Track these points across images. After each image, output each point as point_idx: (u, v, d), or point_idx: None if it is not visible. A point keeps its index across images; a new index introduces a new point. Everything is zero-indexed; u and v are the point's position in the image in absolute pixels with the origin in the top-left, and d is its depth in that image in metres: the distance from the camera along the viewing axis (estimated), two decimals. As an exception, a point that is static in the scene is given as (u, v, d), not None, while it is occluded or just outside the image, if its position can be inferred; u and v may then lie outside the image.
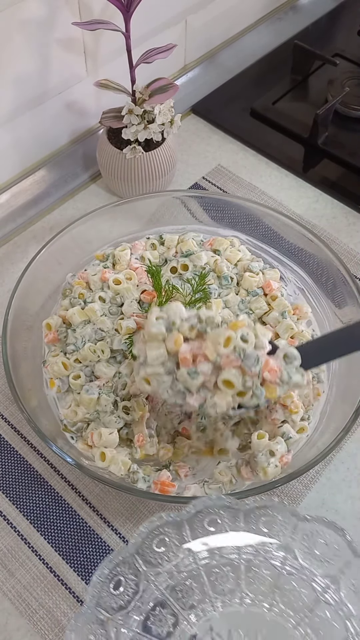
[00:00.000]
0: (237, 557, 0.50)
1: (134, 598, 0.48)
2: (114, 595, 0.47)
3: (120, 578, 0.47)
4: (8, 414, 0.67)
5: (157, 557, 0.49)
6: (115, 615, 0.47)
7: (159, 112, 0.75)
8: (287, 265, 0.74)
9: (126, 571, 0.48)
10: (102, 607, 0.46)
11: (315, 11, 1.13)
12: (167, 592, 0.49)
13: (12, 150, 0.80)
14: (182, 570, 0.49)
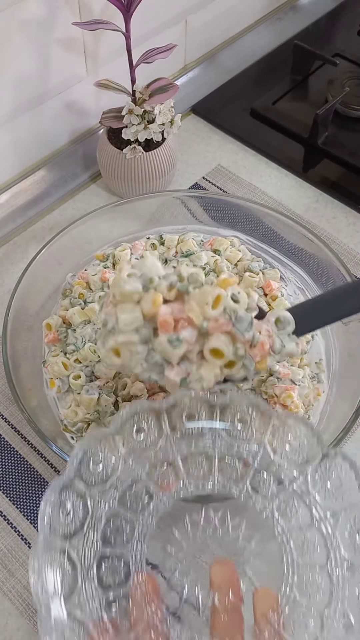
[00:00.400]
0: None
1: (112, 476, 0.47)
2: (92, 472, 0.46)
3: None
4: (8, 414, 0.67)
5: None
6: (92, 490, 0.46)
7: (159, 112, 0.75)
8: (287, 265, 0.74)
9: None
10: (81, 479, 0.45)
11: (315, 11, 1.13)
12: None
13: (12, 150, 0.80)
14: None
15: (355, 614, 0.44)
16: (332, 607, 0.44)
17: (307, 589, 0.45)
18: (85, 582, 0.44)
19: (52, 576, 0.42)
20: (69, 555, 0.44)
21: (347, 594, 0.44)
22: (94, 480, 0.47)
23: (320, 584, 0.45)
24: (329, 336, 0.69)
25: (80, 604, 0.43)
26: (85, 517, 0.46)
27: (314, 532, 0.47)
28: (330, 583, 0.45)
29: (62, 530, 0.44)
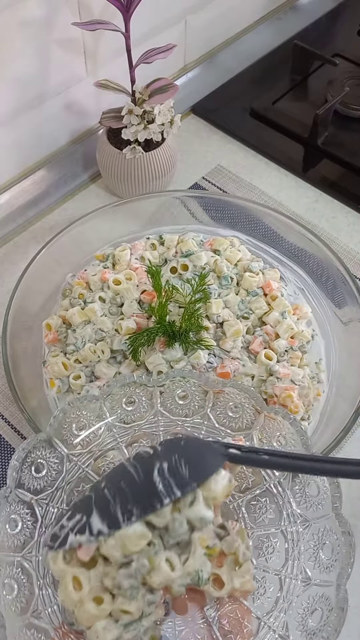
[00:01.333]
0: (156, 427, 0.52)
1: (58, 479, 0.48)
2: (36, 478, 0.48)
3: (41, 461, 0.48)
4: (8, 414, 0.67)
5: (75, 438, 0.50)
6: (40, 495, 0.47)
7: (158, 112, 0.75)
8: (287, 265, 0.74)
9: (48, 455, 0.49)
10: (25, 489, 0.47)
11: (315, 11, 1.13)
12: (89, 468, 0.50)
13: (12, 150, 0.80)
14: (103, 449, 0.50)
15: (311, 567, 0.45)
16: (289, 566, 0.45)
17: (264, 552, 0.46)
18: (42, 590, 0.45)
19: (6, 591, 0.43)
20: (22, 566, 0.45)
21: (303, 550, 0.45)
22: (39, 487, 0.48)
23: (275, 546, 0.46)
24: (329, 336, 0.69)
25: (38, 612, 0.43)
26: (35, 525, 0.46)
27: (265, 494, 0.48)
28: (286, 542, 0.46)
29: (11, 543, 0.45)
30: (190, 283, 0.67)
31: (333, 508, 0.46)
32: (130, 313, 0.66)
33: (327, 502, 0.46)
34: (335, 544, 0.45)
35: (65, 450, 0.49)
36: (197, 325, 0.64)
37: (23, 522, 0.46)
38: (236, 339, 0.65)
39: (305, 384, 0.63)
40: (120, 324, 0.65)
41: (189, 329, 0.63)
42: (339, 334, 0.67)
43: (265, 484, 0.48)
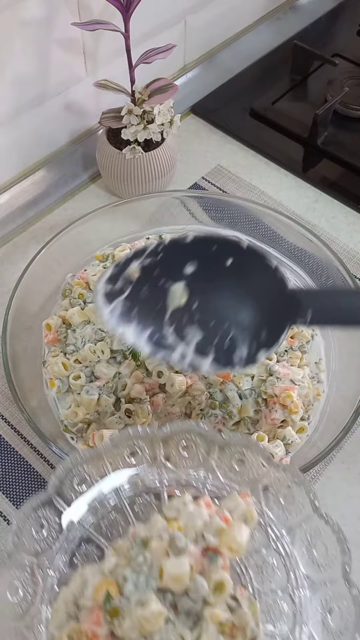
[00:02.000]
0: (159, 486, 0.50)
1: (59, 538, 0.47)
2: (36, 540, 0.46)
3: (42, 521, 0.46)
4: (8, 415, 0.67)
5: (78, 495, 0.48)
6: (40, 557, 0.46)
7: (158, 113, 0.75)
8: (287, 265, 0.74)
9: (47, 513, 0.47)
10: (26, 551, 0.45)
11: (314, 11, 1.13)
12: (91, 528, 0.48)
13: (11, 150, 0.80)
14: (106, 505, 0.49)
15: (319, 633, 0.43)
16: (298, 631, 0.43)
17: (271, 617, 0.44)
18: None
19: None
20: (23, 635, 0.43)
21: (311, 615, 0.44)
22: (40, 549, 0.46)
23: (283, 609, 0.44)
24: (329, 336, 0.69)
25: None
26: (35, 592, 0.45)
27: (272, 554, 0.46)
28: (294, 606, 0.44)
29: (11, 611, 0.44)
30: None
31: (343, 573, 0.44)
32: (130, 313, 0.66)
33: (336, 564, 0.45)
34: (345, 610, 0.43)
35: (66, 506, 0.48)
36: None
37: (24, 588, 0.45)
38: (236, 339, 0.65)
39: (305, 384, 0.63)
40: (120, 324, 0.64)
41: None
42: (339, 334, 0.67)
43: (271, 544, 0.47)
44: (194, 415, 0.63)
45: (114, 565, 0.41)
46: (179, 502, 0.44)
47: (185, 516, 0.43)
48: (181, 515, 0.43)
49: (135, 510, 0.49)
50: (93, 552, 0.48)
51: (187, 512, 0.43)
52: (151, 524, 0.43)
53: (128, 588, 0.39)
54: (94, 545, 0.48)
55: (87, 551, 0.48)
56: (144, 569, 0.40)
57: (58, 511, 0.47)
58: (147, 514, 0.49)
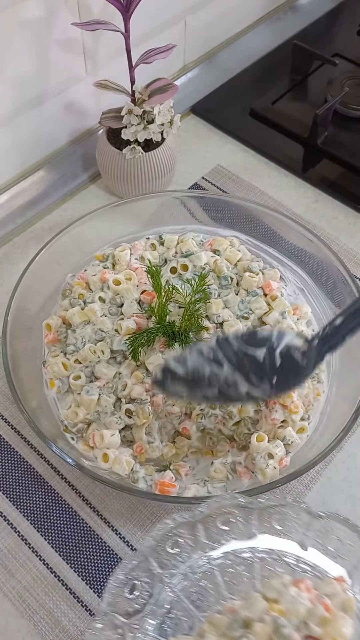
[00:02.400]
0: (251, 555, 0.50)
1: (149, 601, 0.47)
2: (129, 600, 0.46)
3: (135, 582, 0.47)
4: (8, 415, 0.67)
5: (172, 559, 0.49)
6: (131, 619, 0.46)
7: (158, 113, 0.75)
8: (287, 265, 0.74)
9: (141, 574, 0.47)
10: (118, 612, 0.46)
11: (314, 11, 1.13)
12: (182, 594, 0.49)
13: (11, 150, 0.80)
14: (197, 572, 0.49)
15: None
16: None
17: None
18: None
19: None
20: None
21: None
22: (131, 610, 0.46)
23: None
24: None
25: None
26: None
27: None
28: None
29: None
30: (190, 283, 0.67)
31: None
32: (130, 313, 0.66)
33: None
34: None
35: (159, 570, 0.48)
36: (197, 326, 0.64)
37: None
38: (236, 339, 0.65)
39: (305, 384, 0.63)
40: (120, 324, 0.65)
41: (189, 329, 0.63)
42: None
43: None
44: (194, 415, 0.63)
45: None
46: (278, 583, 0.44)
47: (287, 600, 0.42)
48: (283, 597, 0.43)
49: (226, 580, 0.50)
50: (183, 620, 0.48)
51: (289, 596, 0.43)
52: (250, 602, 0.43)
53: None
54: (184, 613, 0.48)
55: (177, 617, 0.48)
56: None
57: (151, 573, 0.48)
58: (239, 585, 0.49)
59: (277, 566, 0.50)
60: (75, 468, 0.56)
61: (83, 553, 0.59)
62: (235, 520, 0.50)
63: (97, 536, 0.60)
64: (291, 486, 0.63)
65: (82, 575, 0.58)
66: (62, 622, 0.56)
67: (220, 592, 0.49)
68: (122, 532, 0.60)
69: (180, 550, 0.49)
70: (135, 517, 0.61)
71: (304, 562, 0.49)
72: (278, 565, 0.50)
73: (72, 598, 0.57)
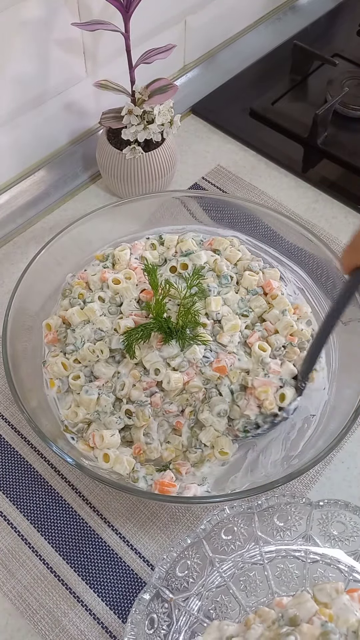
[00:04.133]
0: (304, 555, 0.51)
1: (197, 582, 0.48)
2: (179, 577, 0.48)
3: (187, 561, 0.48)
4: (8, 415, 0.67)
5: (224, 545, 0.50)
6: (178, 596, 0.47)
7: (158, 113, 0.75)
8: (287, 265, 0.74)
9: (193, 555, 0.49)
10: (167, 587, 0.47)
11: (314, 11, 1.13)
12: (230, 580, 0.49)
13: (11, 150, 0.80)
14: (247, 562, 0.50)
15: None
16: None
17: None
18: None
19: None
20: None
21: None
22: (180, 587, 0.48)
23: None
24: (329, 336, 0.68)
25: None
26: (169, 628, 0.47)
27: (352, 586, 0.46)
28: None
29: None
30: (186, 279, 0.67)
31: None
32: (129, 312, 0.66)
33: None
34: None
35: (211, 553, 0.49)
36: (193, 322, 0.64)
37: (159, 623, 0.46)
38: (234, 334, 0.65)
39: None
40: (119, 323, 0.65)
41: (186, 326, 0.63)
42: (339, 334, 0.67)
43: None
44: (187, 412, 0.62)
45: (259, 636, 0.42)
46: (331, 588, 0.44)
47: (338, 606, 0.42)
48: (334, 603, 0.43)
49: (276, 575, 0.50)
50: (229, 606, 0.49)
51: (340, 603, 0.43)
52: (300, 601, 0.43)
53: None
54: (230, 599, 0.49)
55: (223, 603, 0.49)
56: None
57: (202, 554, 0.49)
58: (288, 583, 0.50)
59: (329, 572, 0.50)
60: (75, 468, 0.56)
61: (83, 553, 0.59)
62: (291, 518, 0.51)
63: (97, 535, 0.60)
64: (291, 486, 0.63)
65: (82, 575, 0.58)
66: (62, 622, 0.56)
67: (269, 585, 0.50)
68: (122, 532, 0.60)
69: (233, 539, 0.50)
70: (135, 517, 0.61)
71: (357, 572, 0.50)
72: (330, 571, 0.50)
73: (72, 598, 0.57)
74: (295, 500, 0.51)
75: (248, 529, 0.51)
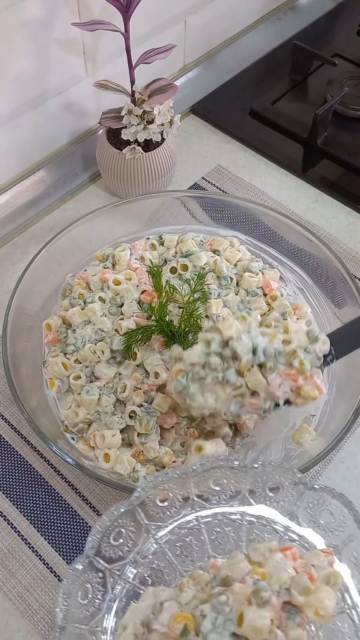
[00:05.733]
0: (240, 518, 0.50)
1: (133, 550, 0.48)
2: (113, 546, 0.47)
3: (121, 530, 0.47)
4: (8, 415, 0.67)
5: (160, 512, 0.49)
6: (113, 565, 0.46)
7: (158, 113, 0.75)
8: (287, 265, 0.74)
9: (128, 523, 0.48)
10: (101, 556, 0.46)
11: (314, 11, 1.13)
12: (166, 546, 0.49)
13: (11, 150, 0.80)
14: (184, 527, 0.49)
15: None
16: None
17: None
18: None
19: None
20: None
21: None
22: (114, 556, 0.47)
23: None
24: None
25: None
26: (104, 598, 0.46)
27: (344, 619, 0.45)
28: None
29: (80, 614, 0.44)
30: (189, 283, 0.67)
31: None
32: (130, 313, 0.66)
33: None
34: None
35: (146, 520, 0.49)
36: (195, 326, 0.64)
37: (94, 593, 0.45)
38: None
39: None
40: (120, 324, 0.65)
41: (188, 330, 0.63)
42: (339, 334, 0.67)
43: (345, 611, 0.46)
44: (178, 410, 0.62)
45: (191, 598, 0.41)
46: (264, 547, 0.44)
47: (271, 565, 0.42)
48: (267, 562, 0.43)
49: (212, 539, 0.50)
50: (165, 572, 0.49)
51: (273, 561, 0.43)
52: (233, 562, 0.43)
53: (205, 626, 0.39)
54: (166, 565, 0.49)
55: (160, 569, 0.49)
56: (225, 609, 0.40)
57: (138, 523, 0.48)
58: (224, 546, 0.49)
59: (265, 532, 0.50)
60: (75, 468, 0.56)
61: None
62: (226, 481, 0.50)
63: (97, 536, 0.60)
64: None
65: (82, 575, 0.58)
66: (62, 622, 0.56)
67: (205, 549, 0.49)
68: (122, 532, 0.60)
69: (169, 505, 0.49)
70: (135, 517, 0.61)
71: (292, 532, 0.49)
72: (266, 531, 0.50)
73: (72, 598, 0.57)
74: (230, 463, 0.50)
75: (183, 495, 0.50)
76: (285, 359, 0.52)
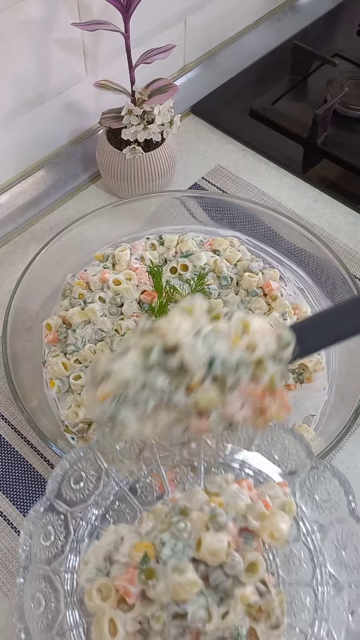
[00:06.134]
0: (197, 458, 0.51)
1: (94, 493, 0.48)
2: (74, 490, 0.47)
3: (81, 473, 0.48)
4: (8, 415, 0.67)
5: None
6: (74, 508, 0.47)
7: (158, 113, 0.75)
8: (287, 265, 0.74)
9: (88, 467, 0.48)
10: (62, 499, 0.47)
11: (314, 11, 1.13)
12: (127, 488, 0.49)
13: (11, 150, 0.80)
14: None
15: (338, 632, 0.43)
16: (317, 626, 0.44)
17: (292, 608, 0.45)
18: (69, 609, 0.44)
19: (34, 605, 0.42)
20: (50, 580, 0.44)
21: (332, 612, 0.44)
22: (75, 499, 0.47)
23: (305, 603, 0.45)
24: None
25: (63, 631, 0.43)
26: (67, 539, 0.46)
27: (300, 547, 0.46)
28: (316, 601, 0.44)
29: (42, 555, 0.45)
30: (190, 283, 0.67)
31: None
32: (130, 313, 0.66)
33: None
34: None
35: (105, 464, 0.49)
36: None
37: (56, 534, 0.46)
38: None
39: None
40: (120, 324, 0.65)
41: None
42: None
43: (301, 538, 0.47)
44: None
45: (151, 529, 0.42)
46: (221, 480, 0.45)
47: (227, 494, 0.43)
48: (223, 492, 0.44)
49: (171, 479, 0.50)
50: (126, 512, 0.49)
51: (229, 491, 0.44)
52: (191, 494, 0.44)
53: (165, 552, 0.40)
54: (127, 505, 0.49)
55: (120, 509, 0.49)
56: (184, 536, 0.40)
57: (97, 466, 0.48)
58: (183, 484, 0.50)
59: (222, 469, 0.50)
60: (76, 468, 0.56)
61: (83, 553, 0.59)
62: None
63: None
64: (291, 486, 0.63)
65: (82, 575, 0.58)
66: (62, 622, 0.56)
67: (165, 489, 0.50)
68: (122, 532, 0.60)
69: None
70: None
71: (248, 467, 0.50)
72: (223, 468, 0.50)
73: (72, 598, 0.57)
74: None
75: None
76: (248, 372, 0.41)
